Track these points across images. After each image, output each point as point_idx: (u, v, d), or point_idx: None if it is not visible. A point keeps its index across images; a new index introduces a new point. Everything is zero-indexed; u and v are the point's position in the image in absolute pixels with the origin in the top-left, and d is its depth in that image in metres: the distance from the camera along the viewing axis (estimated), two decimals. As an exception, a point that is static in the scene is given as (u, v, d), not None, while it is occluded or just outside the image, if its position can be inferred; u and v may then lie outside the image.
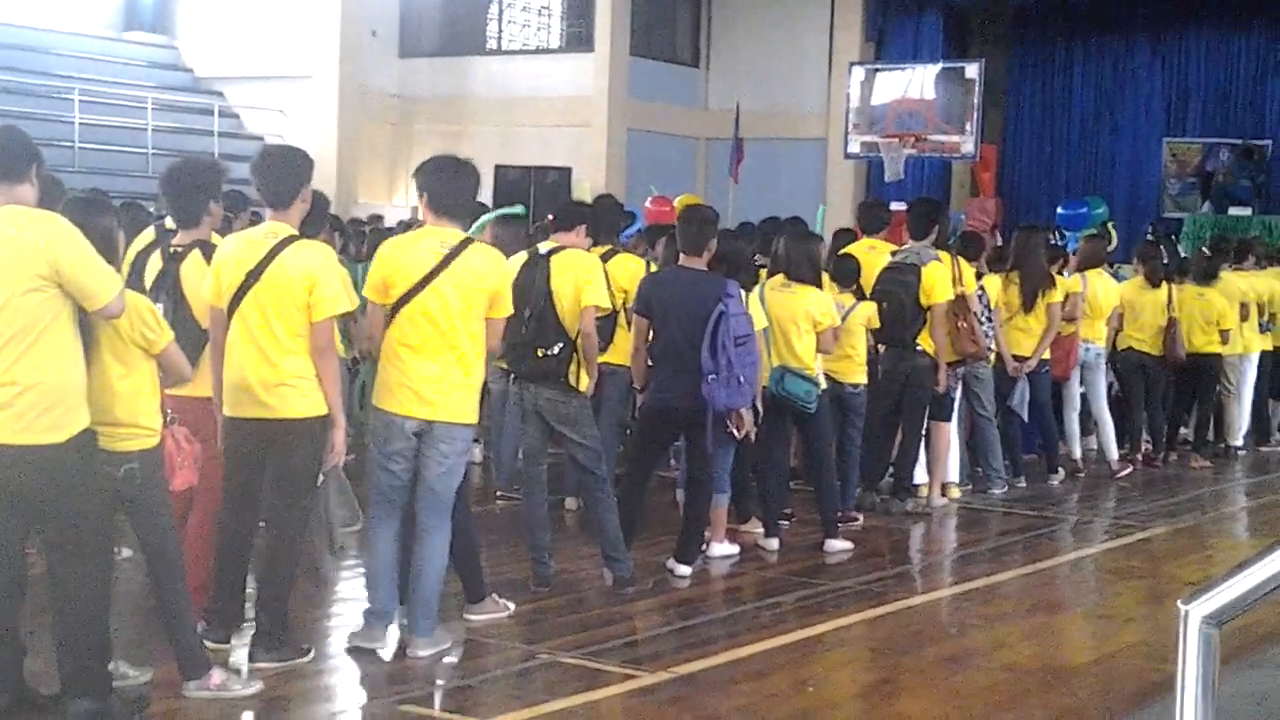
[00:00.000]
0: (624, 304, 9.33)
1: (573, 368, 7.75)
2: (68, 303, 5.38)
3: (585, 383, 7.85)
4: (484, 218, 9.66)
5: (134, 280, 6.47)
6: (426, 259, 6.58)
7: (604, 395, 9.17)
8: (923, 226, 10.55)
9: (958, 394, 10.89)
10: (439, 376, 6.59)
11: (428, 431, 6.63)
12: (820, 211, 16.79)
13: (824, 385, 9.30)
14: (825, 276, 9.81)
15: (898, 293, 10.14)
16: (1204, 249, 17.64)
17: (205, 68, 26.44)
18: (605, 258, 9.16)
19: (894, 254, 10.54)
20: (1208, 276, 13.43)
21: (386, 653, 6.74)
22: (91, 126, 22.57)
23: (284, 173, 6.57)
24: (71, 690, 5.56)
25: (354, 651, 6.76)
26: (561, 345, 7.69)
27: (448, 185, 6.76)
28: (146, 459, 5.82)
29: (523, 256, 7.97)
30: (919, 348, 10.27)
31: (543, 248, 7.94)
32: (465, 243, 6.68)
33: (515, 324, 7.71)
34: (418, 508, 6.74)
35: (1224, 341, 13.23)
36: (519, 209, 11.67)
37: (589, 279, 7.78)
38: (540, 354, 7.69)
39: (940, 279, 10.26)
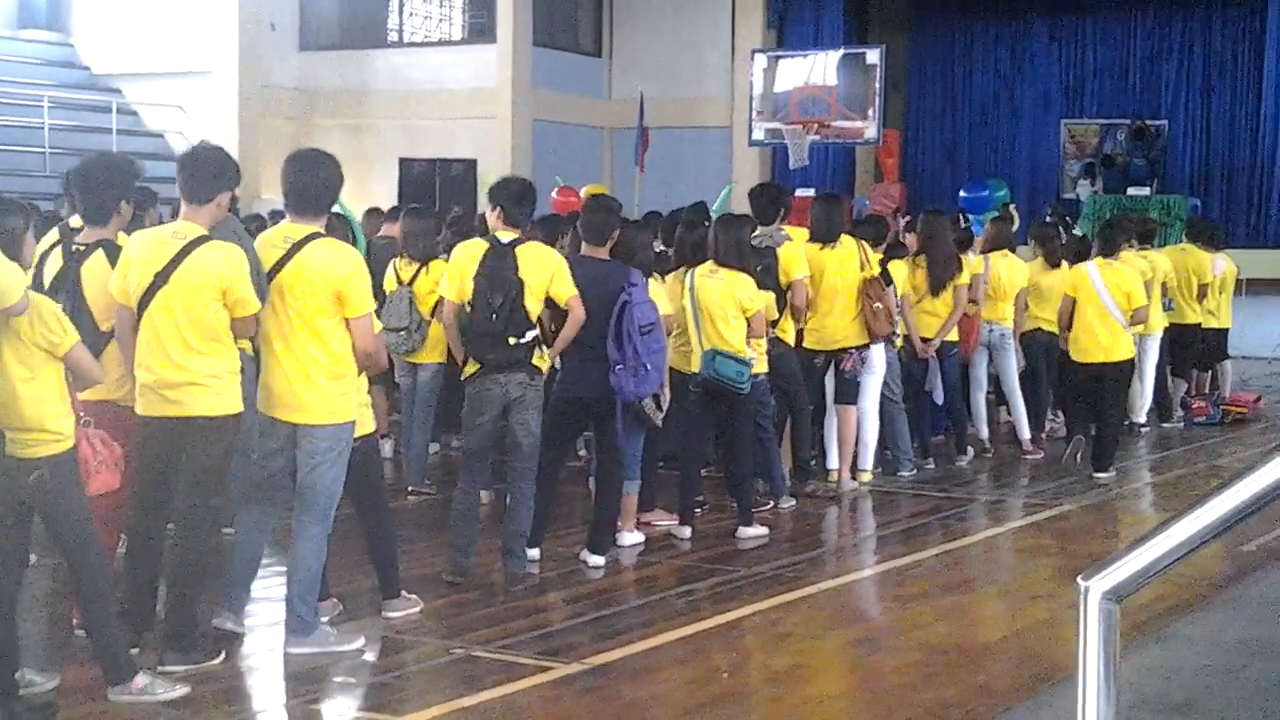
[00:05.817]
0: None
1: (535, 352, 7.80)
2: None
3: (545, 364, 7.92)
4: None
5: (34, 282, 6.37)
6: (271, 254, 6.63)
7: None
8: (769, 211, 10.60)
9: (869, 377, 10.87)
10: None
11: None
12: (726, 191, 16.76)
13: (759, 367, 9.34)
14: None
15: (763, 279, 10.12)
16: (1074, 230, 17.75)
17: (102, 65, 25.99)
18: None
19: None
20: (1078, 257, 13.50)
21: (303, 653, 6.69)
22: (-13, 126, 22.22)
23: (210, 172, 6.53)
24: (-23, 699, 5.50)
25: (269, 653, 6.71)
26: (531, 333, 7.74)
27: (306, 180, 6.72)
28: (56, 464, 5.73)
29: (481, 245, 7.91)
30: (773, 335, 10.24)
31: (503, 238, 7.86)
32: (311, 236, 6.63)
33: (483, 313, 7.71)
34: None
35: None
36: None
37: (557, 273, 7.82)
38: (512, 342, 7.71)
39: (795, 255, 10.31)
